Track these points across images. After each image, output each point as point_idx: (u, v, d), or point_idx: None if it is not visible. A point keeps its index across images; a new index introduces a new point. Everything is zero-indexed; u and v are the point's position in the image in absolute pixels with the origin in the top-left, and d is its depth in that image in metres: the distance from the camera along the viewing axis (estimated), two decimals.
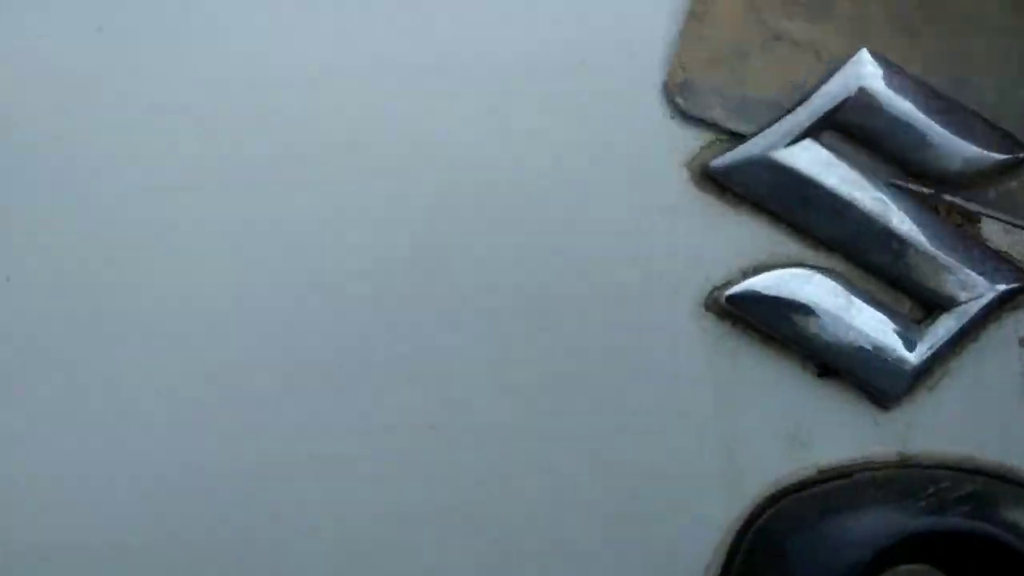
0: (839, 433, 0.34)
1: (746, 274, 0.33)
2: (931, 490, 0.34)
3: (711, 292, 0.33)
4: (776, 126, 0.33)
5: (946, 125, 0.33)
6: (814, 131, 0.33)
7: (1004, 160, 0.34)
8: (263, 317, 0.32)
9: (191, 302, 0.32)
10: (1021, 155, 0.34)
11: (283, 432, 0.32)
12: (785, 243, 0.34)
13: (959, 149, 0.33)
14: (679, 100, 0.32)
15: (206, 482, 0.32)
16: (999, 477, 0.35)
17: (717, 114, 0.33)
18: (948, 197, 0.34)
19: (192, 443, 0.32)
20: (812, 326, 0.33)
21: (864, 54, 0.33)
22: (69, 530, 0.32)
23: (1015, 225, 0.34)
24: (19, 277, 0.32)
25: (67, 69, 0.32)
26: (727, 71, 0.33)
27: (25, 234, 0.32)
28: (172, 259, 0.32)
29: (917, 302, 0.34)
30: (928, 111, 0.33)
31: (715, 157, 0.33)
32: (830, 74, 0.33)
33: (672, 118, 0.33)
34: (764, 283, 0.33)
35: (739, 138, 0.33)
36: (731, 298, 0.33)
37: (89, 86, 0.32)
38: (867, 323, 0.33)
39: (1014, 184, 0.34)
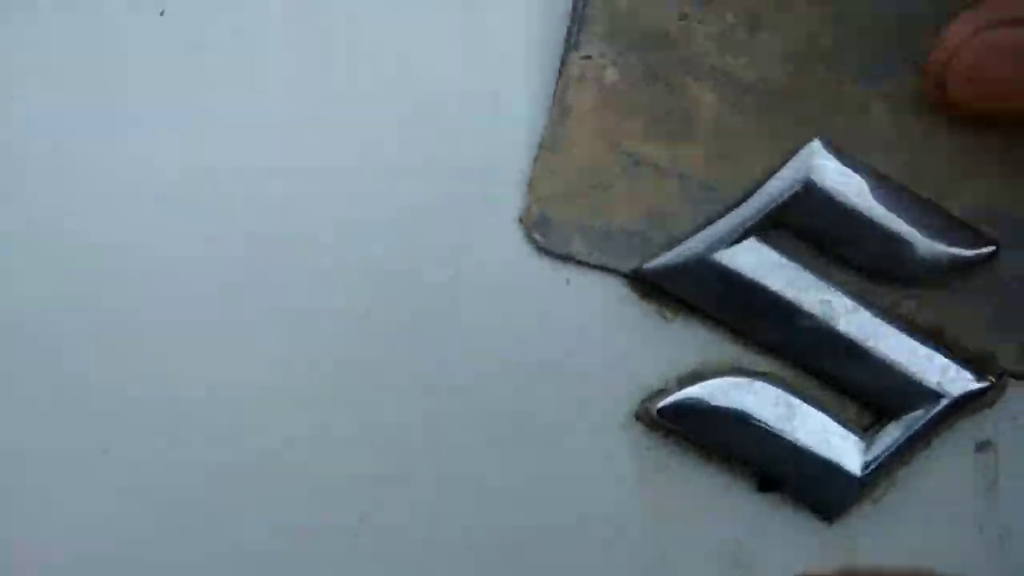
0: (780, 550, 0.32)
1: (682, 382, 0.31)
2: None
3: (643, 402, 0.31)
4: (718, 224, 0.31)
5: (902, 220, 0.31)
6: (759, 229, 0.31)
7: (964, 256, 0.32)
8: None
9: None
10: (984, 251, 0.32)
11: None
12: (724, 348, 0.32)
13: (916, 245, 0.31)
14: (536, 236, 0.30)
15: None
16: None
17: (577, 248, 0.31)
18: (901, 297, 0.32)
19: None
20: (750, 438, 0.31)
21: (816, 144, 0.31)
22: None
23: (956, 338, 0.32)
24: None
25: None
26: (587, 203, 0.30)
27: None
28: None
29: (865, 409, 0.32)
30: (883, 205, 0.31)
31: (650, 259, 0.31)
32: (773, 171, 0.31)
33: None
34: (698, 393, 0.31)
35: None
36: (663, 410, 0.31)
37: None
38: (810, 433, 0.31)
39: (977, 281, 0.32)
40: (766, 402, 0.31)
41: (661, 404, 0.31)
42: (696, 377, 0.31)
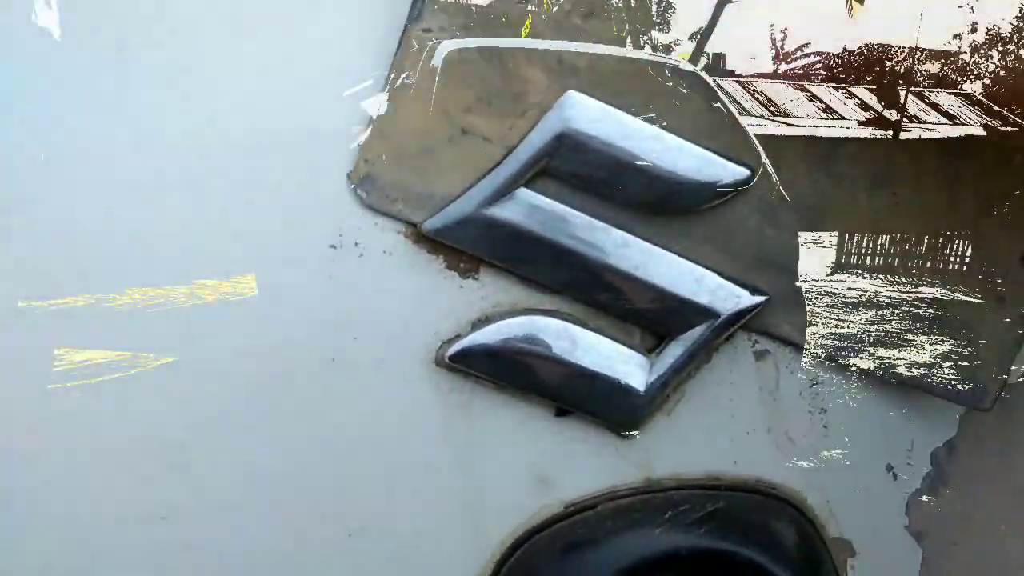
0: (584, 468, 0.35)
1: (475, 326, 0.34)
2: (669, 514, 0.35)
3: (439, 348, 0.34)
4: (487, 180, 0.34)
5: (655, 156, 0.34)
6: (527, 180, 0.34)
7: (715, 185, 0.34)
8: None
9: None
10: (740, 177, 0.35)
11: None
12: (511, 292, 0.35)
13: (672, 178, 0.34)
14: (361, 193, 0.33)
15: None
16: (746, 490, 0.36)
17: (400, 208, 0.33)
18: (669, 227, 0.35)
19: None
20: (539, 371, 0.34)
21: (571, 96, 0.34)
22: None
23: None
24: None
25: None
26: (412, 167, 0.33)
27: None
28: None
29: (649, 333, 0.35)
30: (637, 145, 0.34)
31: (428, 218, 0.34)
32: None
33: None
34: (485, 336, 0.34)
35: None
36: (453, 356, 0.34)
37: None
38: (595, 360, 0.35)
39: (730, 207, 0.35)
40: (550, 337, 0.34)
41: (451, 350, 0.34)
42: (486, 321, 0.34)
